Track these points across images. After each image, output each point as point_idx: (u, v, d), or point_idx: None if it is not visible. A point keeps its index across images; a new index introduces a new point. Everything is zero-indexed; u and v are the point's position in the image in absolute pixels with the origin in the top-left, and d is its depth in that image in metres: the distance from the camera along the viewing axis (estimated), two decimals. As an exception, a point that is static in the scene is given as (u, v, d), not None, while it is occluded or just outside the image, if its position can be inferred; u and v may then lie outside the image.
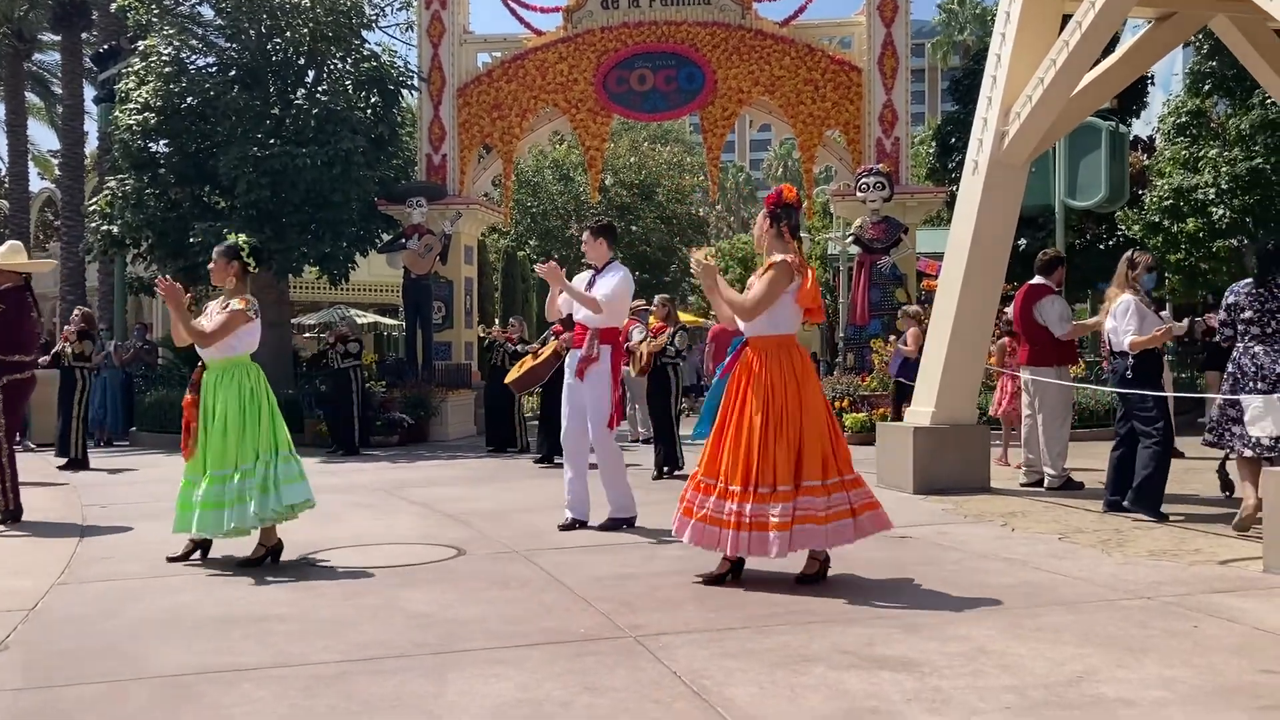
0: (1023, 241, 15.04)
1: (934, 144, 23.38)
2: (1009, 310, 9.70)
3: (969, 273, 8.57)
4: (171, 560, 6.04)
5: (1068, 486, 8.52)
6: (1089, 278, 19.82)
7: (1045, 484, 8.63)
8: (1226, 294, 6.89)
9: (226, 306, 6.05)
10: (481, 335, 10.53)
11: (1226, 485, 7.80)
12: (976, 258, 8.56)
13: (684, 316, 18.64)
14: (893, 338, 12.99)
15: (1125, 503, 7.17)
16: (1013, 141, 8.39)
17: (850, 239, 16.36)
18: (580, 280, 7.12)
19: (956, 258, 8.73)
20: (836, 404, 13.84)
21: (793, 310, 5.23)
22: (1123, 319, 7.12)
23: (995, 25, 8.88)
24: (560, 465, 11.45)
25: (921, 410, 8.85)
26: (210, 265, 6.24)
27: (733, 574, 5.29)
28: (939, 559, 5.86)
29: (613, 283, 6.92)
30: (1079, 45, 7.81)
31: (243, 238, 6.31)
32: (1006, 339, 10.53)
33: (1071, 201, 14.54)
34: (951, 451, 8.58)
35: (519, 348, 12.29)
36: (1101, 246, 19.87)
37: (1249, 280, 6.79)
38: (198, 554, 6.13)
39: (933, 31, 52.09)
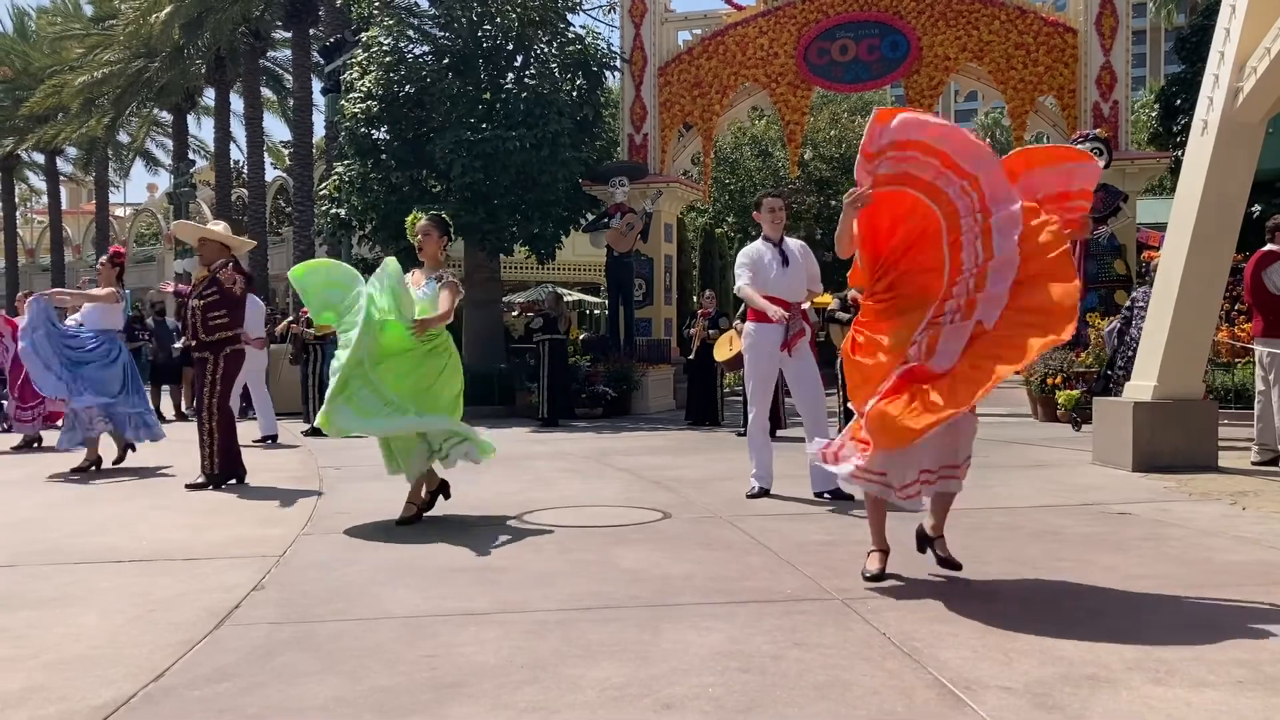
0: (1256, 208, 14.01)
1: (1157, 107, 21.96)
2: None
3: (1196, 239, 8.11)
4: (402, 522, 6.30)
5: (1306, 466, 8.00)
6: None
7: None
8: None
9: (440, 279, 6.43)
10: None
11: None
12: (1205, 223, 8.09)
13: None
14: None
15: None
16: (1248, 98, 7.86)
17: (1064, 209, 15.63)
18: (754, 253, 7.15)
19: (1183, 223, 8.28)
20: (1049, 381, 13.33)
21: None
22: None
23: (1229, -26, 8.32)
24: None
25: (1143, 384, 8.45)
26: (422, 238, 6.49)
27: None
28: (1161, 535, 5.62)
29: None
30: (1326, -9, 7.25)
31: (428, 213, 6.74)
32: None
33: (1314, 164, 13.44)
34: (1175, 427, 8.17)
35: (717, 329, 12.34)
36: (1348, 213, 18.20)
37: None
38: (441, 496, 6.56)
39: (1156, -12, 48.78)
